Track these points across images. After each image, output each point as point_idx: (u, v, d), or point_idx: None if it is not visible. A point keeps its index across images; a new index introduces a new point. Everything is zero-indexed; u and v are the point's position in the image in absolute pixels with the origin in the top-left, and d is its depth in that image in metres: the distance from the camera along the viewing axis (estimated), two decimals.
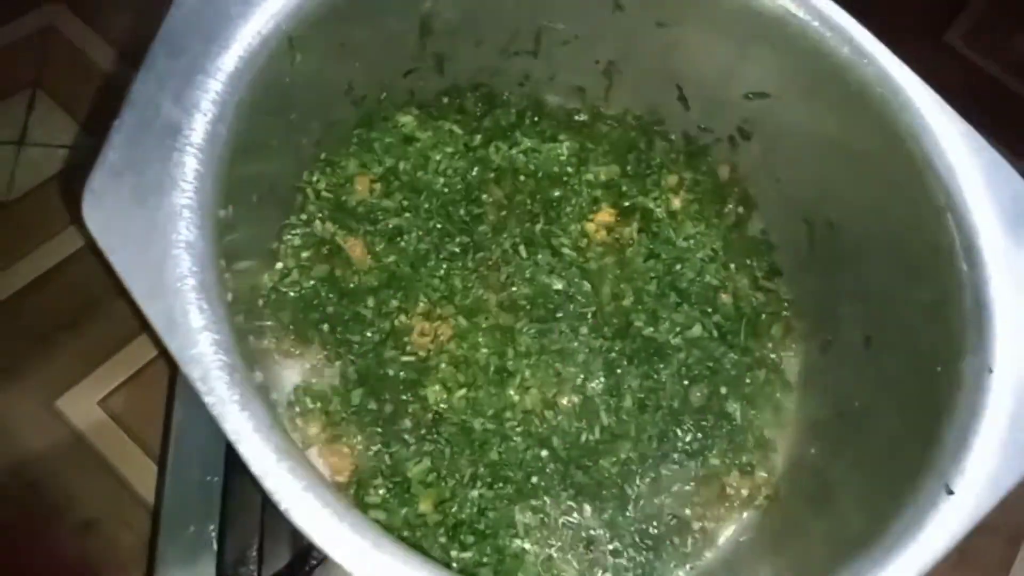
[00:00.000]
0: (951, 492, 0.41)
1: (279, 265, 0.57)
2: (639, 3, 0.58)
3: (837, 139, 0.56)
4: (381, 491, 0.52)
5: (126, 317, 0.67)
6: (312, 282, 0.56)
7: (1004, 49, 0.98)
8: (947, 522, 0.40)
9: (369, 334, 0.56)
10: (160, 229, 0.38)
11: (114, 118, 0.40)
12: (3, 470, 0.63)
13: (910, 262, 0.53)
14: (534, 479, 0.55)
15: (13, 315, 0.69)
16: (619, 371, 0.58)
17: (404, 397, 0.55)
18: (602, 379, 0.58)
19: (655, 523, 0.56)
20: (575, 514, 0.55)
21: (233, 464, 0.57)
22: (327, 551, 0.34)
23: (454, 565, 0.51)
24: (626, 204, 0.64)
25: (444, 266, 0.59)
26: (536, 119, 0.67)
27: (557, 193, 0.64)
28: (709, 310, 0.61)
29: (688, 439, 0.58)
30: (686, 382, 0.59)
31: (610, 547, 0.55)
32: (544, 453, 0.55)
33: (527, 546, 0.54)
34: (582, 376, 0.58)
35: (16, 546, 0.61)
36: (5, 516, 0.62)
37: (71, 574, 0.62)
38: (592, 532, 0.55)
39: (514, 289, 0.60)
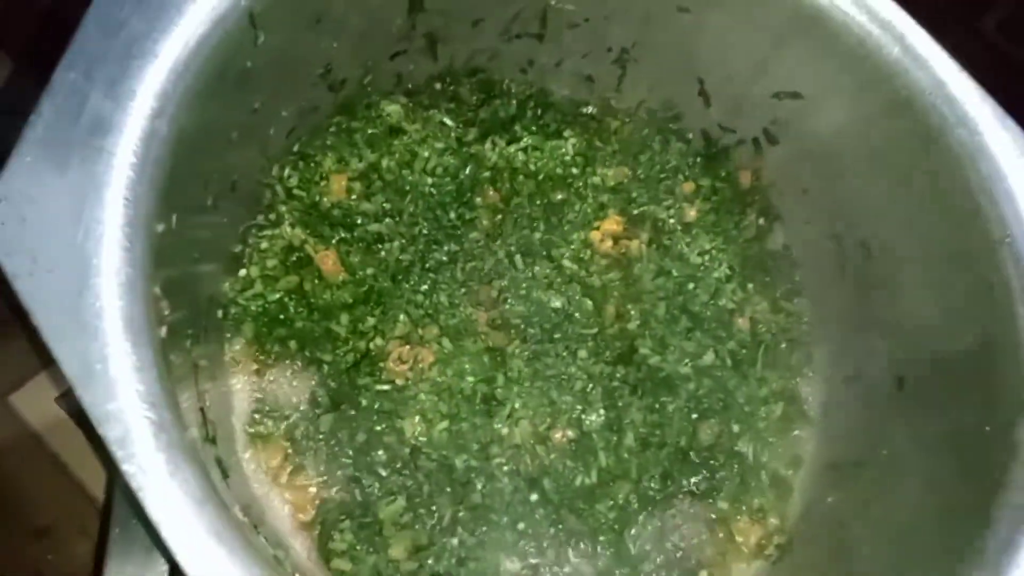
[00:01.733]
0: None
1: (242, 272, 0.50)
2: None
3: (879, 151, 0.50)
4: (348, 535, 0.46)
5: None
6: (278, 295, 0.49)
7: None
8: None
9: (342, 354, 0.50)
10: (78, 251, 0.31)
11: (57, 54, 0.33)
12: None
13: (955, 297, 0.46)
14: (521, 525, 0.49)
15: None
16: (621, 403, 0.52)
17: (378, 428, 0.49)
18: (602, 412, 0.52)
19: (656, 574, 0.50)
20: (567, 565, 0.49)
21: None
22: None
23: None
24: (635, 212, 0.58)
25: (429, 279, 0.52)
26: (539, 111, 0.60)
27: (560, 197, 0.57)
28: (724, 336, 0.55)
29: (695, 480, 0.53)
30: (695, 416, 0.53)
31: None
32: (534, 497, 0.49)
33: None
34: (579, 407, 0.52)
35: None
36: None
37: None
38: None
39: (507, 306, 0.54)
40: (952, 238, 0.46)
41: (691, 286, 0.55)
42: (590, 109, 0.61)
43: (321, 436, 0.49)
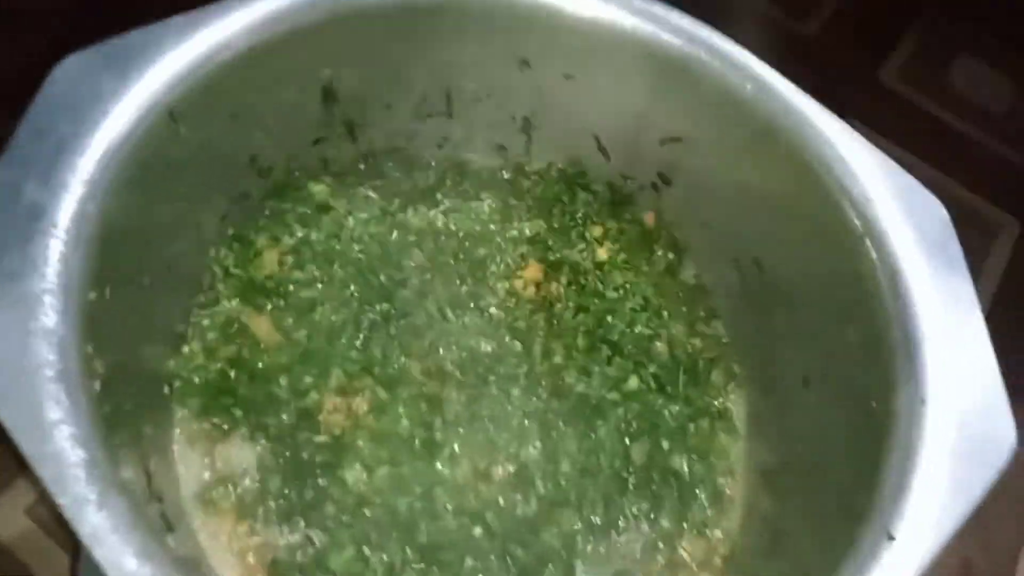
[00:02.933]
0: (892, 538, 0.38)
1: (185, 349, 0.54)
2: (543, 58, 0.57)
3: (752, 176, 0.56)
4: None
5: None
6: (219, 364, 0.53)
7: (938, 84, 1.00)
8: (890, 571, 0.37)
9: (284, 416, 0.53)
10: (16, 317, 0.35)
11: None
12: None
13: (836, 297, 0.51)
14: (469, 560, 0.51)
15: None
16: (555, 434, 0.55)
17: (322, 481, 0.51)
18: (538, 444, 0.55)
19: None
20: None
21: None
22: None
23: None
24: (552, 258, 0.62)
25: (362, 336, 0.56)
26: (459, 179, 0.66)
27: (482, 252, 0.62)
28: (644, 360, 0.59)
29: (635, 501, 0.55)
30: (626, 439, 0.56)
31: None
32: (478, 531, 0.51)
33: None
34: (516, 443, 0.55)
35: None
36: None
37: None
38: None
39: (440, 354, 0.57)
40: (825, 243, 0.51)
41: (608, 318, 0.60)
42: (506, 174, 0.67)
43: (270, 497, 0.51)
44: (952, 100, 0.98)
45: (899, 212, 0.48)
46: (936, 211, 0.48)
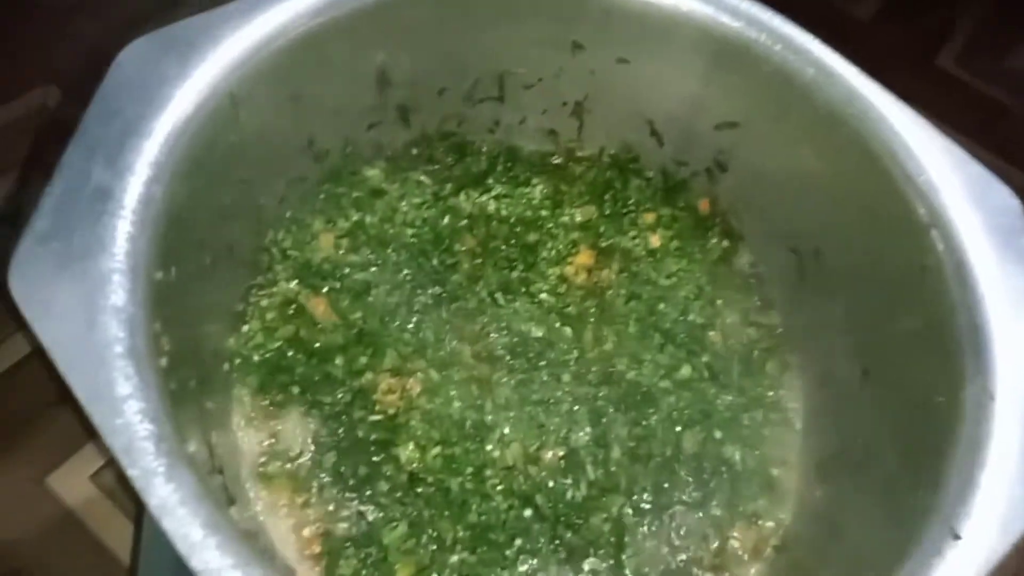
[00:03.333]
0: (958, 537, 0.37)
1: (245, 328, 0.55)
2: (598, 41, 0.57)
3: (813, 164, 0.54)
4: (353, 562, 0.49)
5: None
6: (278, 343, 0.54)
7: (997, 69, 0.96)
8: (956, 570, 0.36)
9: (340, 395, 0.54)
10: (86, 295, 0.36)
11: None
12: None
13: (899, 287, 0.49)
14: (519, 541, 0.51)
15: (1, 394, 0.68)
16: (605, 420, 0.55)
17: (376, 458, 0.52)
18: (588, 429, 0.55)
19: None
20: None
21: None
22: None
23: None
24: (604, 245, 0.62)
25: (415, 319, 0.56)
26: (509, 165, 0.66)
27: (533, 237, 0.62)
28: (697, 349, 0.58)
29: (686, 489, 0.55)
30: (678, 428, 0.56)
31: None
32: (528, 512, 0.52)
33: None
34: (566, 428, 0.55)
35: None
36: None
37: None
38: None
39: (491, 339, 0.58)
40: (888, 231, 0.50)
41: (661, 306, 0.59)
42: (557, 159, 0.67)
43: (325, 473, 0.52)
44: (1013, 85, 0.94)
45: (967, 201, 0.46)
46: (1007, 201, 0.47)
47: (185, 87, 0.43)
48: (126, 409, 0.34)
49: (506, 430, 0.54)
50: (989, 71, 0.96)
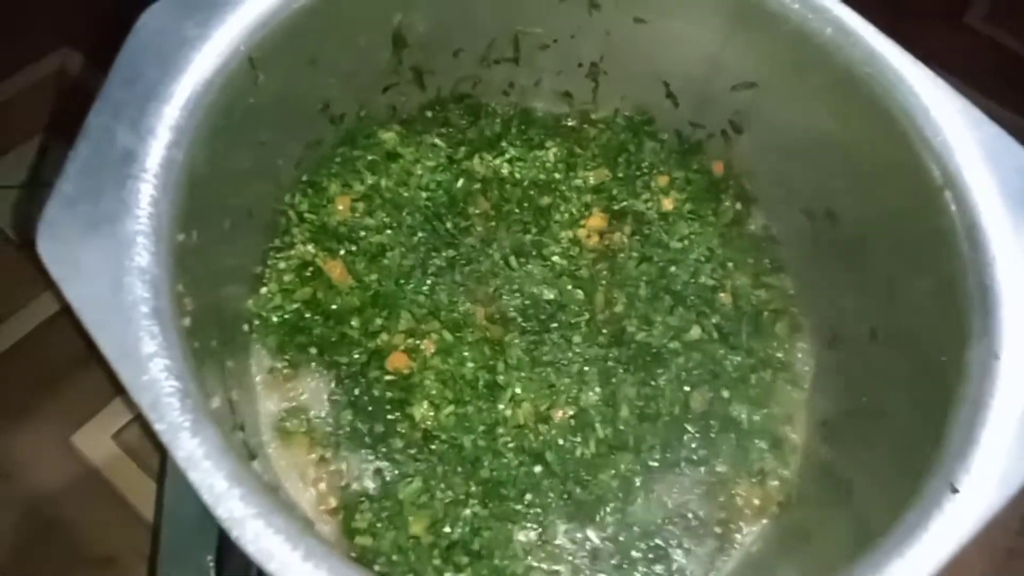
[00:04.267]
0: (956, 491, 0.38)
1: (263, 290, 0.56)
2: (614, 0, 0.56)
3: (829, 125, 0.54)
4: (368, 515, 0.51)
5: None
6: (296, 305, 0.55)
7: None
8: (952, 523, 0.37)
9: (356, 355, 0.55)
10: (112, 257, 0.37)
11: None
12: (21, 509, 0.64)
13: (911, 248, 0.50)
14: (529, 496, 0.53)
15: (27, 353, 0.70)
16: (614, 380, 0.56)
17: (391, 416, 0.54)
18: (597, 389, 0.56)
19: (661, 539, 0.53)
20: (577, 532, 0.53)
21: None
22: None
23: None
24: (616, 208, 0.62)
25: (429, 282, 0.57)
26: (523, 127, 0.66)
27: (546, 200, 0.63)
28: (707, 311, 0.59)
29: (693, 447, 0.56)
30: (686, 388, 0.57)
31: (613, 561, 0.53)
32: (538, 469, 0.53)
33: (529, 564, 0.52)
34: (576, 388, 0.56)
35: None
36: (23, 556, 0.62)
37: None
38: (596, 548, 0.53)
39: (504, 301, 0.59)
40: (902, 192, 0.50)
41: (672, 268, 0.60)
42: (571, 121, 0.67)
43: (342, 431, 0.54)
44: None
45: (982, 163, 0.46)
46: (1022, 162, 0.46)
47: (205, 50, 0.43)
48: (152, 367, 0.35)
49: (517, 390, 0.55)
50: (1019, 29, 0.94)
